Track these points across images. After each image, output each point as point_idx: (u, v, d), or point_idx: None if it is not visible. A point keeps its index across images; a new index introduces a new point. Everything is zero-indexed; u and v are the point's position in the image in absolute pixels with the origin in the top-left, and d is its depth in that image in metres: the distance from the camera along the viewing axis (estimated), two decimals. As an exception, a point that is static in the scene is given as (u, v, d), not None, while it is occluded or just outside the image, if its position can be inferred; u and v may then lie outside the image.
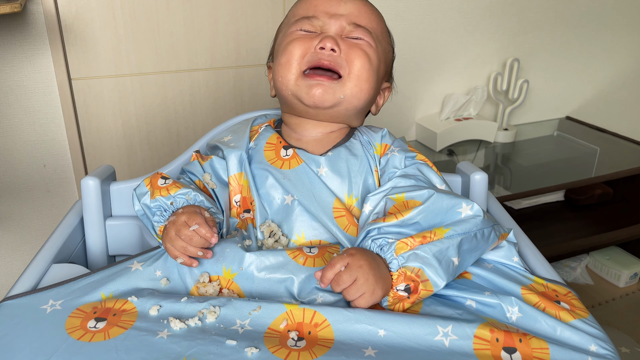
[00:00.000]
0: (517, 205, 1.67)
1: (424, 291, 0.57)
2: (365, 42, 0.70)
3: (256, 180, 0.70)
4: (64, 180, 1.35)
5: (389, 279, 0.57)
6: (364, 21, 0.71)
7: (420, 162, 0.70)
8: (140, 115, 1.36)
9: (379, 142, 0.73)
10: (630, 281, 1.61)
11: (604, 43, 1.82)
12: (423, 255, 0.57)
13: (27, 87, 1.23)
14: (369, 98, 0.72)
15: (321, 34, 0.69)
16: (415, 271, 0.56)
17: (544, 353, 0.51)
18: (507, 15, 1.63)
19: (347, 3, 0.71)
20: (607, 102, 1.92)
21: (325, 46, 0.68)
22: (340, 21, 0.70)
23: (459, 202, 0.62)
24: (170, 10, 1.29)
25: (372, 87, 0.71)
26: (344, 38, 0.70)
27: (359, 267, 0.55)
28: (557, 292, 0.61)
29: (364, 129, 0.76)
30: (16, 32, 1.18)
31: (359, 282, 0.55)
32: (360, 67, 0.69)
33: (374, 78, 0.71)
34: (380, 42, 0.72)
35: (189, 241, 0.59)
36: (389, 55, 0.77)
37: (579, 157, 1.64)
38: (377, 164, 0.71)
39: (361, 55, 0.69)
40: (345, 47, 0.69)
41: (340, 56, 0.68)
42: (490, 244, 0.63)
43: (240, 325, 0.54)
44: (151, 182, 0.68)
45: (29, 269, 0.65)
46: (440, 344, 0.52)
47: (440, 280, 0.57)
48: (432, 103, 1.67)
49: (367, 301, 0.55)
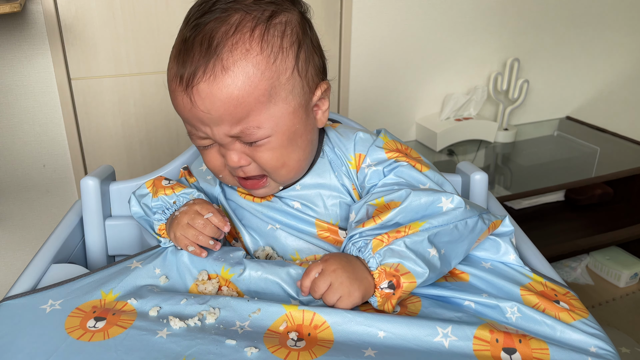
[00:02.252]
0: (517, 205, 1.67)
1: (406, 284, 0.55)
2: (262, 140, 0.59)
3: (236, 213, 0.69)
4: (64, 180, 1.35)
5: (368, 280, 0.56)
6: (239, 122, 0.58)
7: (401, 164, 0.65)
8: (140, 115, 1.36)
9: (352, 154, 0.67)
10: (631, 281, 1.61)
11: (604, 43, 1.82)
12: (399, 249, 0.56)
13: (27, 87, 1.23)
14: (304, 161, 0.64)
15: (220, 148, 0.61)
16: (395, 266, 0.56)
17: (544, 353, 0.51)
18: (507, 15, 1.63)
19: (208, 109, 0.56)
20: (607, 102, 1.92)
21: (232, 165, 0.61)
22: (221, 132, 0.59)
23: (437, 197, 0.60)
24: (170, 10, 1.29)
25: (298, 153, 0.62)
26: (242, 144, 0.60)
27: (332, 272, 0.55)
28: (556, 291, 0.61)
29: (334, 138, 0.69)
30: (16, 32, 1.18)
31: (333, 286, 0.55)
32: (270, 159, 0.61)
33: (290, 149, 0.61)
34: (274, 103, 0.58)
35: (202, 229, 0.61)
36: (297, 84, 0.60)
37: (579, 157, 1.64)
38: (352, 181, 0.67)
39: (264, 155, 0.60)
40: (248, 152, 0.60)
41: (251, 164, 0.61)
42: (477, 233, 0.61)
43: (240, 326, 0.54)
44: (154, 184, 0.69)
45: (29, 269, 0.65)
46: (440, 345, 0.52)
47: (421, 269, 0.56)
48: (432, 103, 1.67)
49: (346, 303, 0.55)
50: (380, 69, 1.55)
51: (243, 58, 0.56)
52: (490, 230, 0.63)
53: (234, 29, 0.56)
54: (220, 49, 0.55)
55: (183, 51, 0.57)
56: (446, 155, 1.60)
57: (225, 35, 0.56)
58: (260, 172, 0.63)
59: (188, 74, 0.56)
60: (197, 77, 0.56)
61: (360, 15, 1.46)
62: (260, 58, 0.56)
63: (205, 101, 0.56)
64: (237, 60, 0.55)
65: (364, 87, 1.55)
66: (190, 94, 0.56)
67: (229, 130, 0.58)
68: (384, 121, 1.62)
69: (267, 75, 0.57)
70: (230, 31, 0.56)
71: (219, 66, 0.55)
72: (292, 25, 0.60)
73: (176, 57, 0.58)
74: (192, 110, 0.57)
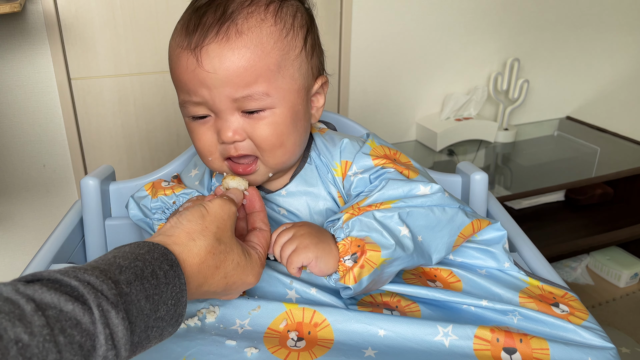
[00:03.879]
0: (518, 205, 1.67)
1: (370, 252, 0.54)
2: (265, 110, 0.58)
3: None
4: (64, 181, 1.35)
5: (333, 252, 0.55)
6: (248, 86, 0.56)
7: (387, 170, 0.62)
8: (140, 115, 1.35)
9: (338, 161, 0.65)
10: (631, 281, 1.61)
11: (604, 43, 1.82)
12: (367, 220, 0.56)
13: (27, 87, 1.23)
14: (299, 146, 0.63)
15: (216, 121, 0.59)
16: (362, 236, 0.55)
17: (544, 353, 0.51)
18: (507, 15, 1.63)
19: (215, 68, 0.55)
20: (607, 102, 1.92)
21: (226, 140, 0.59)
22: (223, 95, 0.56)
23: (415, 185, 0.59)
24: (170, 10, 1.29)
25: (295, 136, 0.61)
26: (242, 114, 0.58)
27: (300, 236, 0.55)
28: (554, 293, 0.61)
29: (320, 145, 0.67)
30: (16, 32, 1.18)
31: (298, 249, 0.54)
32: (270, 134, 0.59)
33: (291, 128, 0.60)
34: (282, 76, 0.58)
35: None
36: (303, 64, 0.60)
37: (580, 157, 1.64)
38: (338, 188, 0.66)
39: (264, 129, 0.58)
40: (246, 126, 0.58)
41: (246, 140, 0.59)
42: (458, 225, 0.60)
43: (240, 325, 0.54)
44: (153, 186, 0.69)
45: (29, 269, 0.65)
46: (440, 344, 0.52)
47: (388, 241, 0.55)
48: (432, 103, 1.67)
49: (299, 255, 0.54)
50: (380, 69, 1.55)
51: (258, 26, 0.56)
52: (474, 228, 0.62)
53: (250, 1, 0.56)
54: (236, 15, 0.55)
55: (194, 18, 0.56)
56: (446, 155, 1.60)
57: (241, 5, 0.56)
58: (253, 152, 0.60)
59: (199, 36, 0.55)
60: (209, 38, 0.55)
61: (360, 15, 1.46)
62: (274, 29, 0.57)
63: (213, 60, 0.54)
64: (252, 27, 0.55)
65: (364, 87, 1.55)
66: (198, 54, 0.55)
67: (233, 93, 0.56)
68: (384, 121, 1.62)
69: (279, 46, 0.57)
70: (245, 2, 0.56)
71: (232, 29, 0.55)
72: (301, 11, 0.61)
73: (184, 25, 0.57)
74: (196, 70, 0.55)
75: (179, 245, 0.46)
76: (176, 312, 0.42)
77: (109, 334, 0.36)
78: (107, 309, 0.37)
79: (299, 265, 0.54)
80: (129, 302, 0.39)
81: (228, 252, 0.49)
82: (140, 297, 0.39)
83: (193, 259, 0.46)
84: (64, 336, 0.34)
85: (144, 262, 0.42)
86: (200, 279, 0.46)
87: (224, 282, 0.49)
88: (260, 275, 0.53)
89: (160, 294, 0.41)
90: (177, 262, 0.44)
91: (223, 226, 0.49)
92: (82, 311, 0.36)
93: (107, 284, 0.38)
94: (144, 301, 0.40)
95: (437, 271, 0.62)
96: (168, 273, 0.42)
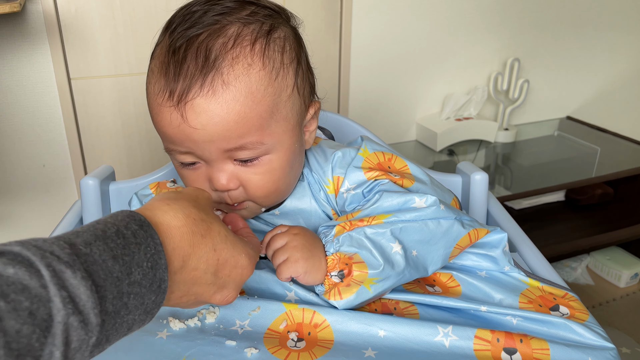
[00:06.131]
0: (518, 205, 1.66)
1: (357, 272, 0.54)
2: (260, 158, 0.56)
3: None
4: (64, 181, 1.35)
5: (322, 266, 0.55)
6: (240, 137, 0.53)
7: (381, 182, 0.61)
8: (140, 115, 1.35)
9: (330, 177, 0.63)
10: (631, 281, 1.61)
11: (604, 43, 1.82)
12: (357, 237, 0.55)
13: (27, 87, 1.23)
14: (294, 183, 0.61)
15: (207, 168, 0.56)
16: (350, 254, 0.55)
17: (544, 354, 0.51)
18: (507, 15, 1.63)
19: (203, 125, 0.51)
20: (608, 102, 1.92)
21: (219, 189, 0.56)
22: (213, 148, 0.53)
23: (411, 197, 0.58)
24: (170, 10, 1.28)
25: (291, 176, 0.60)
26: (235, 161, 0.55)
27: (293, 248, 0.55)
28: (554, 294, 0.60)
29: (312, 161, 0.65)
30: (15, 31, 1.18)
31: (289, 261, 0.55)
32: (265, 182, 0.57)
33: (287, 170, 0.58)
34: (276, 120, 0.55)
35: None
36: (296, 101, 0.57)
37: (580, 157, 1.64)
38: (332, 206, 0.64)
39: (260, 178, 0.56)
40: (240, 174, 0.56)
41: (240, 188, 0.57)
42: (454, 237, 0.58)
43: (240, 326, 0.54)
44: (158, 185, 0.69)
45: (28, 269, 0.65)
46: (440, 344, 0.52)
47: (376, 262, 0.54)
48: (432, 103, 1.67)
49: (288, 268, 0.54)
50: (380, 69, 1.55)
51: (245, 73, 0.51)
52: (472, 239, 0.60)
53: (233, 42, 0.52)
54: (220, 63, 0.51)
55: (172, 63, 0.52)
56: (446, 155, 1.60)
57: (224, 47, 0.51)
58: (245, 199, 0.58)
59: (181, 88, 0.51)
60: (193, 92, 0.50)
61: (360, 15, 1.46)
62: (263, 73, 0.53)
63: (200, 117, 0.51)
64: (239, 76, 0.51)
65: (364, 87, 1.55)
66: (183, 109, 0.51)
67: (224, 145, 0.53)
68: (384, 121, 1.62)
69: (270, 91, 0.53)
70: (228, 44, 0.52)
71: (218, 80, 0.50)
72: (289, 41, 0.56)
73: (162, 70, 0.53)
74: (181, 126, 0.52)
75: (151, 210, 0.42)
76: (156, 276, 0.38)
77: (66, 296, 0.32)
78: (60, 269, 0.32)
79: (288, 276, 0.55)
80: (91, 263, 0.34)
81: (211, 222, 0.45)
82: (106, 257, 0.35)
83: (171, 220, 0.41)
84: (5, 301, 0.30)
85: (105, 224, 0.37)
86: (185, 246, 0.42)
87: (215, 258, 0.44)
88: (254, 261, 0.49)
89: (131, 254, 0.36)
90: (148, 222, 0.39)
91: (201, 201, 0.47)
92: (27, 274, 0.31)
93: (58, 244, 0.34)
94: (111, 262, 0.35)
95: (436, 275, 0.62)
96: (137, 233, 0.38)
